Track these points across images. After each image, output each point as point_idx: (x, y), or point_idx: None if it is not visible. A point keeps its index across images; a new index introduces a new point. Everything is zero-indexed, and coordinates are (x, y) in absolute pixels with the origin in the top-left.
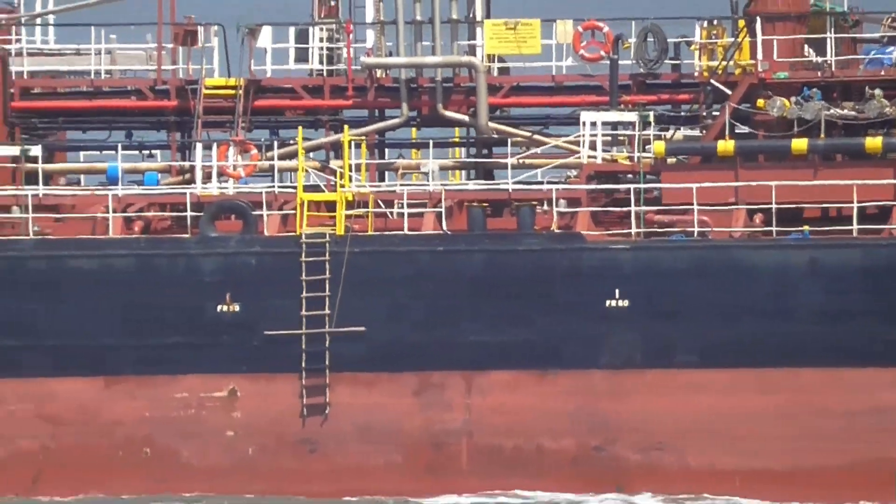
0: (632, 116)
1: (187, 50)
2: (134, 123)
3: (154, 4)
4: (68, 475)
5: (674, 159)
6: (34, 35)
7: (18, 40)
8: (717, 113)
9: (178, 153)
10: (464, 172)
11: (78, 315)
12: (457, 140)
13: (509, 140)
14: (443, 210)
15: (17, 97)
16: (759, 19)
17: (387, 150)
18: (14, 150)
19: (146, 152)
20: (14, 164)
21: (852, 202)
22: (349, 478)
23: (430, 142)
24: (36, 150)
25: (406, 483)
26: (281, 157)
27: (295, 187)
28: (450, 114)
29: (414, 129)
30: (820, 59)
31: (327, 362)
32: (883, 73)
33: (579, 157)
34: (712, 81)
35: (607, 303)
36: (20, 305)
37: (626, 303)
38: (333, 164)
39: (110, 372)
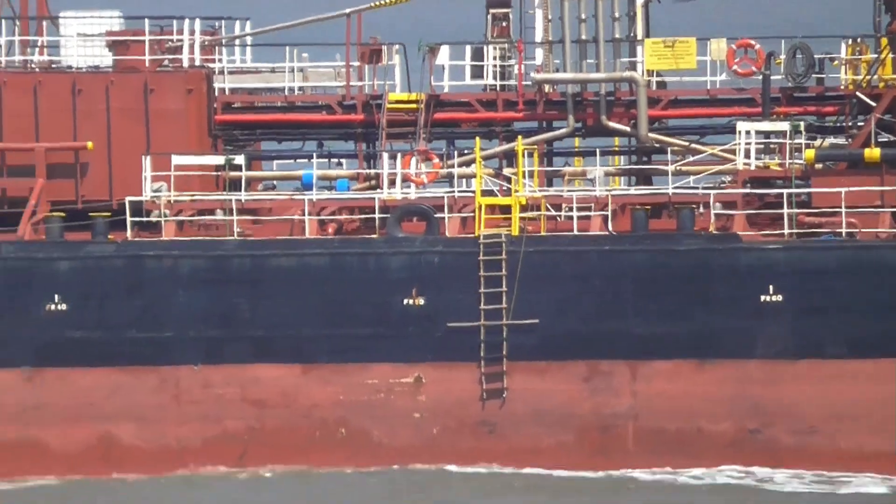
0: (784, 126)
1: (372, 68)
2: (324, 135)
3: (342, 26)
4: (271, 452)
5: (822, 165)
6: (234, 55)
7: (220, 60)
8: (862, 123)
9: (365, 162)
10: (625, 178)
11: (278, 308)
12: (618, 149)
13: (668, 149)
14: (609, 213)
15: (220, 111)
16: None
17: (554, 158)
18: (219, 160)
19: (336, 161)
20: (218, 172)
21: None
22: (524, 456)
23: (597, 150)
24: (239, 160)
25: (576, 461)
26: (459, 165)
27: (473, 192)
28: (612, 125)
29: (578, 139)
30: None
31: (504, 352)
32: None
33: (734, 164)
34: (858, 94)
35: (762, 298)
36: (226, 299)
37: (779, 298)
38: (507, 171)
39: (307, 360)
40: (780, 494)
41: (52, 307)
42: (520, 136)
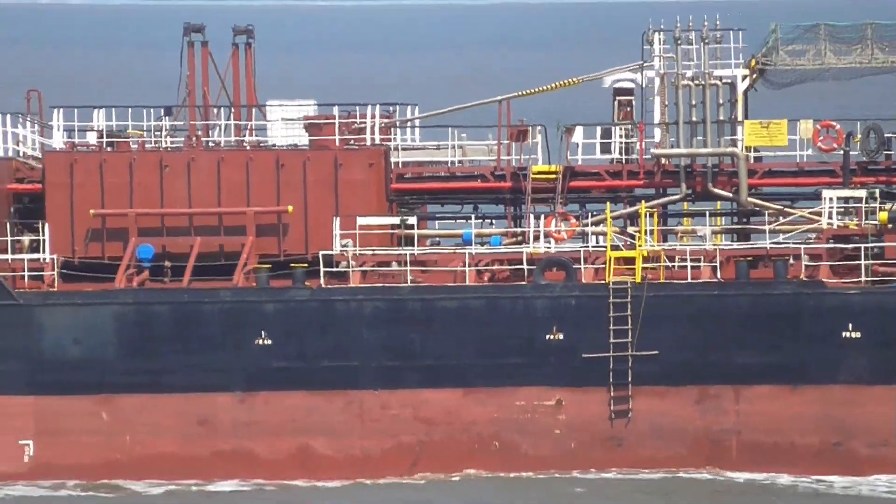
0: (861, 193)
1: (519, 144)
2: (479, 199)
3: (495, 110)
4: (437, 461)
5: (892, 225)
6: (406, 134)
7: (395, 138)
8: None
9: (513, 221)
10: (727, 235)
11: (443, 342)
12: (722, 211)
13: (764, 211)
14: (716, 264)
15: (395, 181)
16: None
17: (669, 218)
18: (394, 220)
19: (489, 221)
20: (394, 231)
21: None
22: (646, 465)
23: (706, 212)
24: (410, 220)
25: (689, 469)
26: (592, 224)
27: (604, 247)
28: (717, 191)
29: (687, 203)
30: None
31: (630, 378)
32: None
33: (820, 224)
34: None
35: (843, 334)
36: (401, 335)
37: (857, 334)
38: (630, 229)
39: (468, 385)
40: (859, 498)
41: (260, 342)
42: (642, 201)
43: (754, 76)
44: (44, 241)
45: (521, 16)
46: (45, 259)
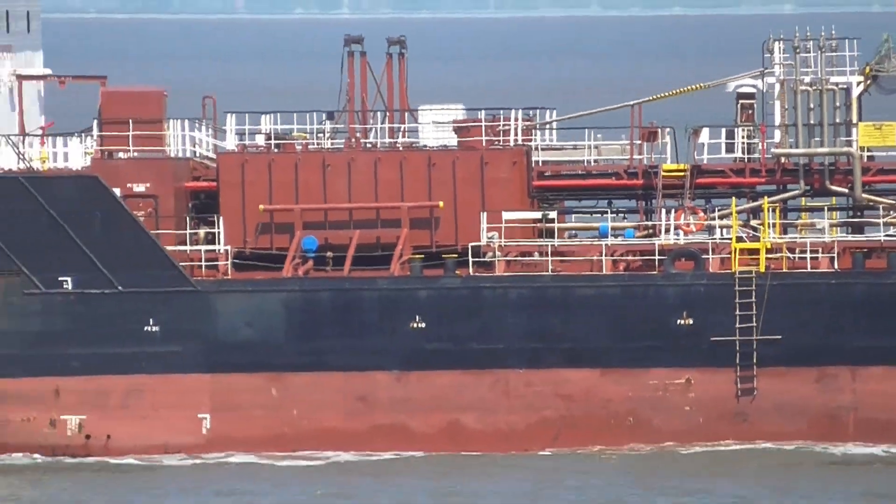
0: None
1: (650, 145)
2: (613, 195)
3: (627, 113)
4: (578, 435)
5: None
6: (545, 135)
7: (536, 139)
8: None
9: (644, 215)
10: (842, 228)
11: (582, 326)
12: (836, 205)
13: (878, 206)
14: (834, 255)
15: (536, 178)
16: None
17: (789, 213)
18: (536, 214)
19: (622, 215)
20: (536, 224)
21: None
22: (769, 439)
23: (824, 206)
24: (551, 214)
25: (808, 442)
26: (718, 218)
27: (729, 239)
28: (834, 188)
29: (805, 199)
30: None
31: (754, 360)
32: None
33: None
34: None
35: None
36: (543, 319)
37: None
38: (753, 222)
39: (604, 365)
40: None
41: (415, 325)
42: (765, 197)
43: (868, 82)
44: (218, 233)
45: (649, 27)
46: (219, 250)
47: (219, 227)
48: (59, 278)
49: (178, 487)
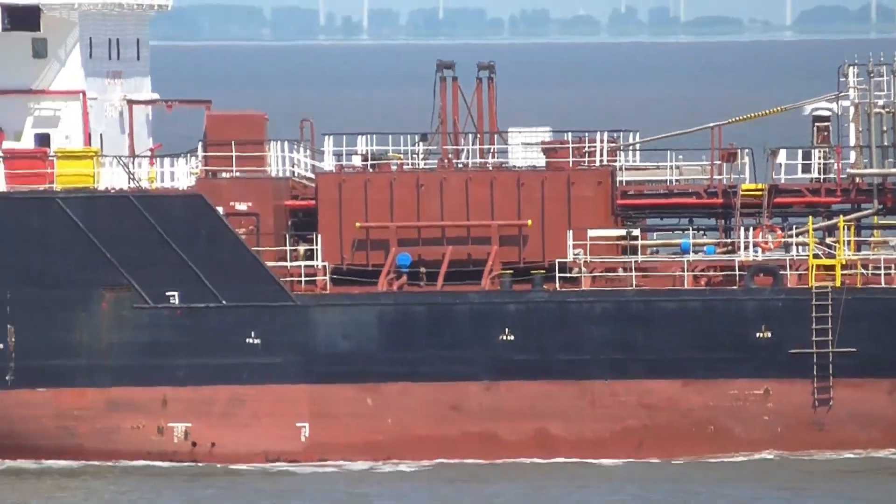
0: None
1: (729, 165)
2: (694, 214)
3: (707, 136)
4: (661, 443)
5: None
6: (629, 156)
7: (620, 160)
8: None
9: (724, 233)
10: None
11: (664, 338)
12: None
13: None
14: None
15: (620, 197)
16: None
17: (863, 230)
18: (620, 232)
19: (702, 232)
20: (619, 241)
21: None
22: (846, 447)
23: None
24: (635, 231)
25: (883, 449)
26: (796, 236)
27: (806, 255)
28: None
29: (875, 217)
30: None
31: (830, 371)
32: None
33: None
34: None
35: None
36: (627, 332)
37: None
38: (829, 240)
39: (686, 376)
40: None
41: (504, 337)
42: (840, 215)
43: None
44: (316, 250)
45: (726, 53)
46: (317, 266)
47: (317, 244)
48: (167, 293)
49: (287, 490)
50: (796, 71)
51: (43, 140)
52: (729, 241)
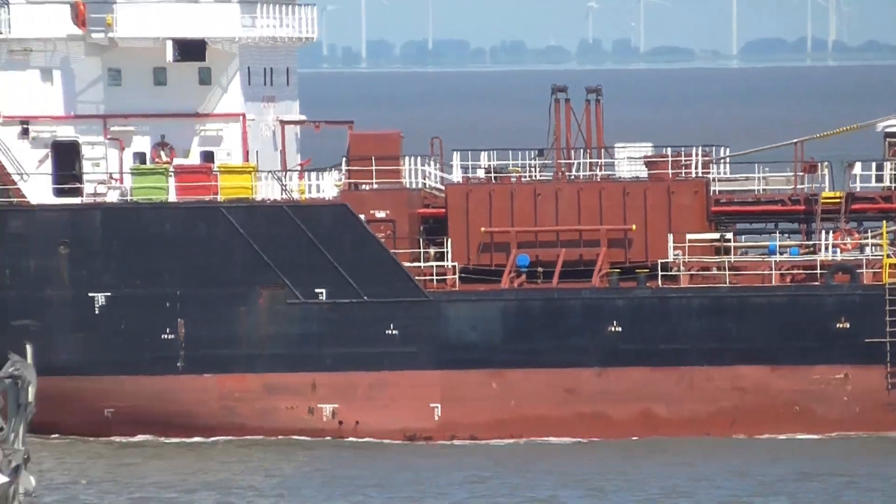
0: None
1: (810, 176)
2: (779, 219)
3: (790, 150)
4: (751, 422)
5: None
6: (721, 168)
7: (713, 172)
8: None
9: (806, 236)
10: None
11: (755, 329)
12: None
13: None
14: None
15: (713, 205)
16: None
17: None
18: (715, 235)
19: (786, 235)
20: (714, 244)
21: None
22: None
23: None
24: (728, 235)
25: None
26: (871, 238)
27: (880, 255)
28: None
29: None
30: None
31: None
32: None
33: None
34: None
35: None
36: (721, 324)
37: None
38: None
39: (774, 362)
40: None
41: (612, 329)
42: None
43: None
44: (446, 252)
45: (805, 76)
46: (448, 266)
47: (447, 247)
48: (316, 290)
49: (422, 462)
50: (742, 94)
51: (208, 157)
52: (811, 243)
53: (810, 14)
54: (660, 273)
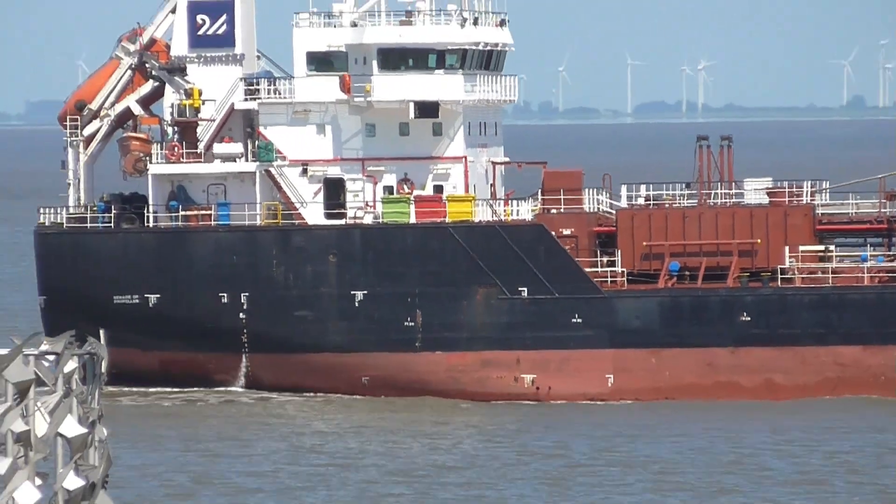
0: None
1: (892, 202)
2: (868, 235)
3: (876, 183)
4: (849, 388)
5: None
6: (823, 196)
7: (818, 199)
8: None
9: (888, 248)
10: None
11: (852, 319)
12: None
13: None
14: None
15: (818, 224)
16: None
17: None
18: (820, 248)
19: (874, 248)
20: (819, 253)
21: None
22: None
23: None
24: (830, 247)
25: None
26: None
27: None
28: None
29: None
30: None
31: None
32: None
33: None
34: None
35: None
36: (825, 314)
37: None
38: None
39: (865, 343)
40: None
41: (743, 318)
42: None
43: None
44: (617, 260)
45: (682, 131)
46: (618, 270)
47: (617, 256)
48: (519, 288)
49: (597, 416)
50: (636, 143)
51: (438, 189)
52: (892, 253)
53: (684, 83)
54: (779, 276)
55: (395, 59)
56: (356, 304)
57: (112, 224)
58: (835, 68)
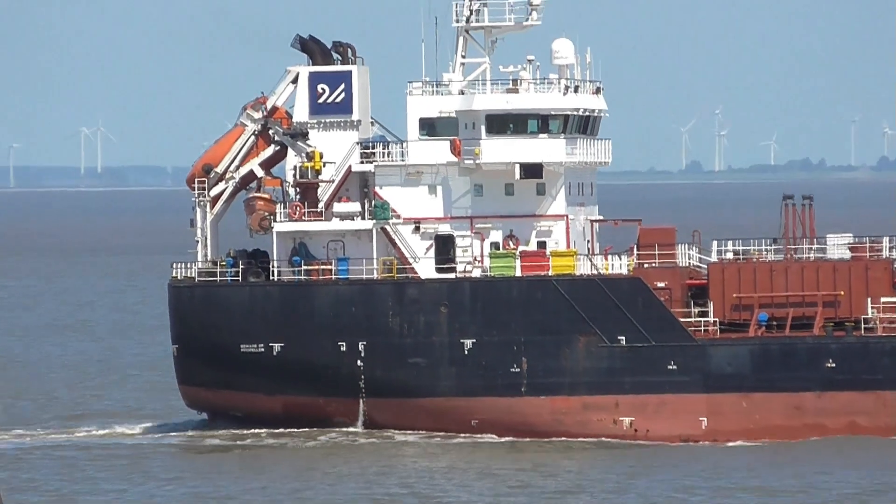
0: None
1: None
2: None
3: None
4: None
5: None
6: None
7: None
8: None
9: None
10: None
11: None
12: None
13: None
14: None
15: None
16: None
17: None
18: None
19: None
20: None
21: None
22: None
23: None
24: None
25: None
26: None
27: None
28: None
29: None
30: None
31: None
32: None
33: None
34: None
35: None
36: None
37: None
38: None
39: None
40: None
41: (828, 364)
42: None
43: None
44: (709, 310)
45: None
46: (710, 320)
47: (709, 307)
48: (618, 336)
49: (693, 455)
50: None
51: (541, 245)
52: None
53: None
54: (862, 325)
55: (502, 124)
56: (465, 352)
57: (240, 278)
58: (675, 134)
